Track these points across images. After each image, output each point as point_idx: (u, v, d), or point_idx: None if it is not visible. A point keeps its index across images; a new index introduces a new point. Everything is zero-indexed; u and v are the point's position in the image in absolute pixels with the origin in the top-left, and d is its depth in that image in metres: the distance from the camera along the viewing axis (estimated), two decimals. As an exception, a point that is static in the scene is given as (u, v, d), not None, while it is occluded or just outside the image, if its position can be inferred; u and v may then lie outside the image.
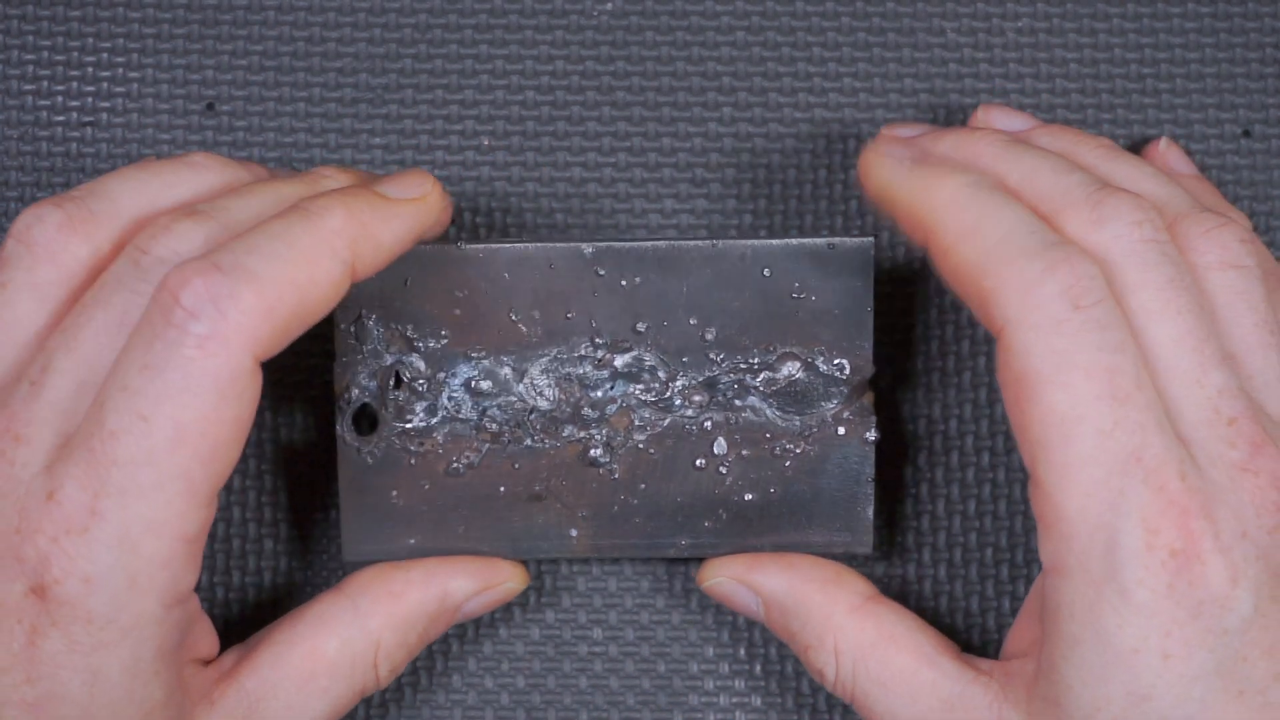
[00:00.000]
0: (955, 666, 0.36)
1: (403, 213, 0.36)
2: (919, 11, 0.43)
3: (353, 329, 0.39)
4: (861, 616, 0.37)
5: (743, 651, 0.41)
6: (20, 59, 0.43)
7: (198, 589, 0.36)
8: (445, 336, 0.39)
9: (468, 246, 0.38)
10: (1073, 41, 0.43)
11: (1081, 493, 0.33)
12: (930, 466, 0.42)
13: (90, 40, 0.43)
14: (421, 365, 0.39)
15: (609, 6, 0.43)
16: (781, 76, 0.43)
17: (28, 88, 0.43)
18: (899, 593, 0.41)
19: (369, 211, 0.35)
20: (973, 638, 0.41)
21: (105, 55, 0.43)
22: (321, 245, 0.34)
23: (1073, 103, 0.43)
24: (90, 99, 0.43)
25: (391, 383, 0.39)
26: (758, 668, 0.41)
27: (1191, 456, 0.33)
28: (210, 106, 0.43)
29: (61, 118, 0.43)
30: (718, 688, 0.41)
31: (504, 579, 0.39)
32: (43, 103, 0.43)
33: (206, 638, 0.36)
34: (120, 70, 0.43)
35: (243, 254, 0.33)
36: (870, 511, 0.39)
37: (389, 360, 0.39)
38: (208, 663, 0.36)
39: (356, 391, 0.39)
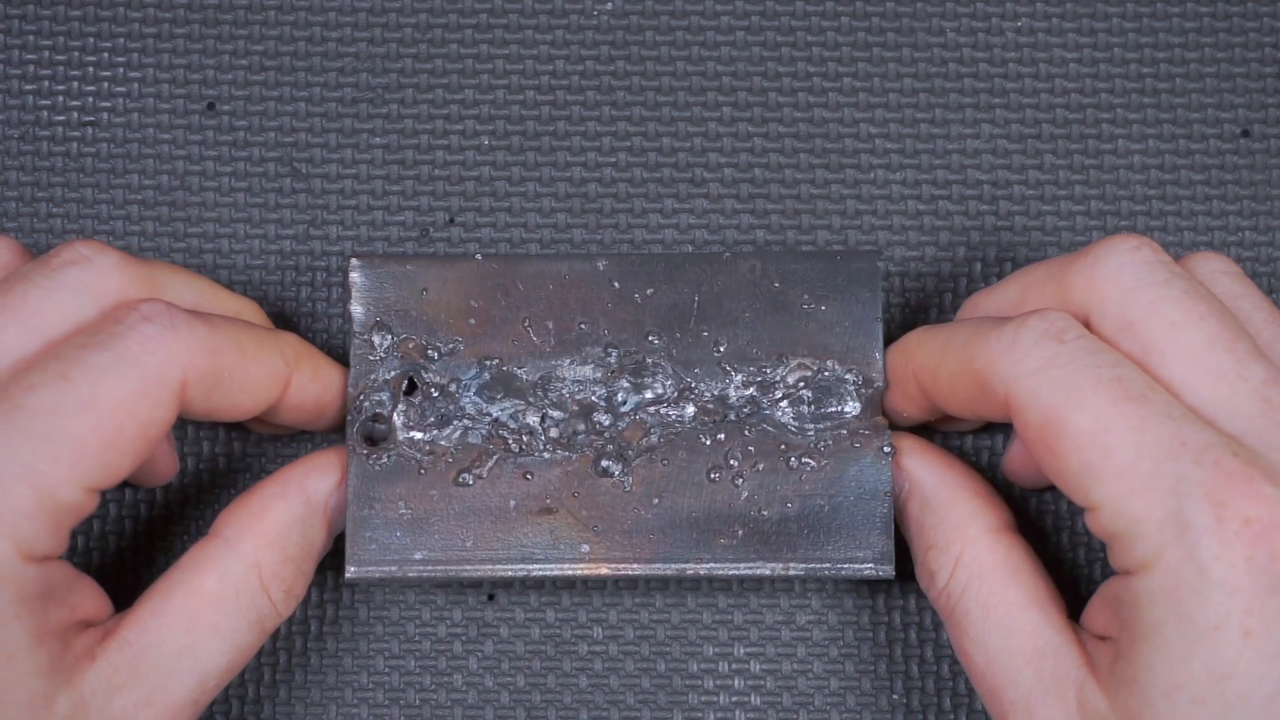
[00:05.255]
0: (1060, 621, 0.36)
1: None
2: (919, 11, 0.43)
3: (369, 337, 0.39)
4: (997, 539, 0.37)
5: (741, 650, 0.42)
6: (21, 59, 0.43)
7: None
8: (459, 345, 0.39)
9: (484, 259, 0.39)
10: (1072, 41, 0.43)
11: (1141, 490, 0.32)
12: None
13: (90, 40, 0.43)
14: (435, 373, 0.39)
15: (609, 6, 0.43)
16: (781, 76, 0.43)
17: (28, 88, 0.43)
18: (898, 591, 0.42)
19: (316, 362, 0.38)
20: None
21: (105, 55, 0.43)
22: (272, 348, 0.37)
23: (1072, 103, 0.43)
24: (90, 99, 0.43)
25: (404, 389, 0.38)
26: (756, 666, 0.41)
27: (1245, 445, 0.33)
28: (210, 106, 0.43)
29: (61, 118, 0.43)
30: (717, 686, 0.41)
31: None
32: (43, 103, 0.43)
33: (93, 600, 0.36)
34: (120, 70, 0.43)
35: (210, 315, 0.36)
36: (890, 535, 0.38)
37: (403, 369, 0.39)
38: (95, 625, 0.36)
39: (369, 402, 0.38)
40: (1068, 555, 0.41)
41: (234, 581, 0.36)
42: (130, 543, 0.42)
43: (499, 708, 0.41)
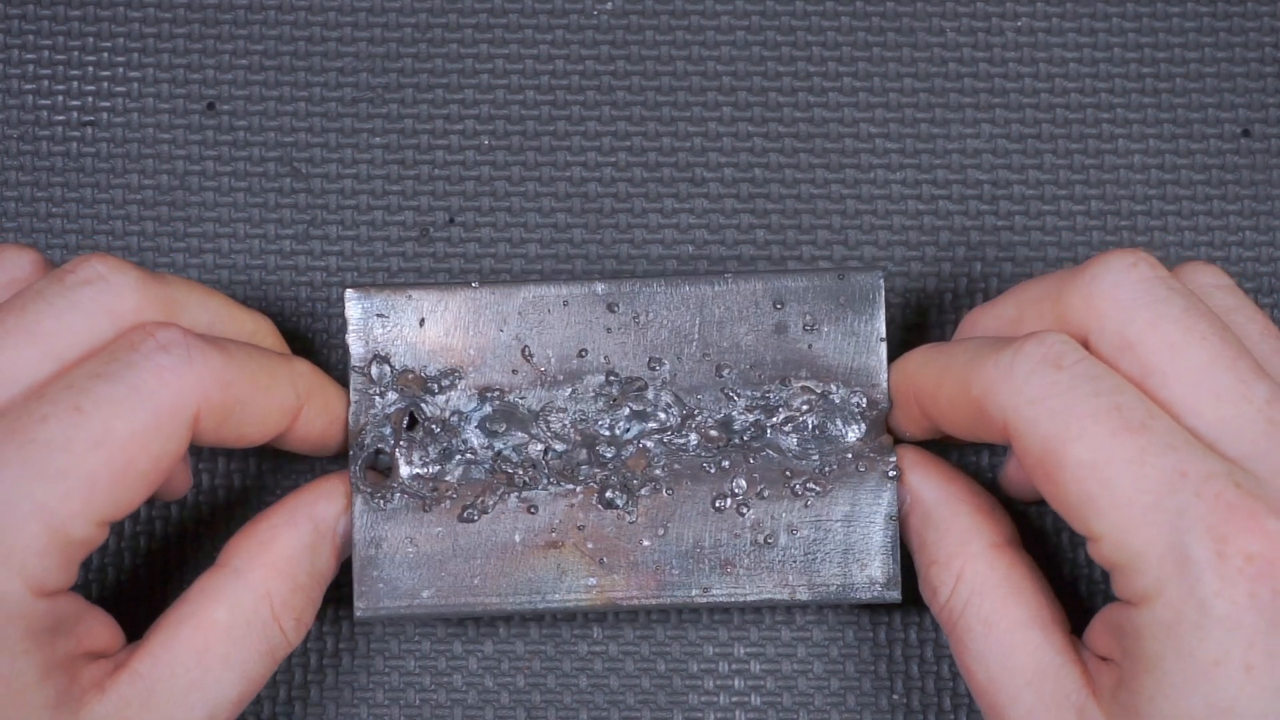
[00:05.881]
0: (1062, 641, 0.36)
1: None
2: (919, 11, 0.43)
3: (368, 371, 0.38)
4: (998, 555, 0.37)
5: (741, 650, 0.41)
6: (20, 59, 0.43)
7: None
8: (460, 377, 0.38)
9: (481, 288, 0.39)
10: (1073, 41, 0.43)
11: (1142, 524, 0.32)
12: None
13: (90, 40, 0.43)
14: (436, 406, 0.38)
15: (609, 6, 0.43)
16: (781, 76, 0.43)
17: (28, 88, 0.43)
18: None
19: (326, 395, 0.38)
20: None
21: (105, 55, 0.43)
22: (285, 380, 0.37)
23: (1072, 103, 0.43)
24: (90, 99, 0.43)
25: (405, 424, 0.38)
26: (756, 666, 0.41)
27: (1248, 471, 0.32)
28: (210, 106, 0.43)
29: (61, 118, 0.43)
30: (717, 687, 0.41)
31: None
32: (43, 103, 0.43)
33: (103, 632, 0.35)
34: (120, 70, 0.43)
35: (226, 342, 0.36)
36: (897, 559, 0.38)
37: (403, 403, 0.38)
38: (105, 656, 0.36)
39: (370, 438, 0.38)
40: (1074, 559, 0.41)
41: (245, 612, 0.36)
42: (129, 542, 0.42)
43: (499, 708, 0.41)
